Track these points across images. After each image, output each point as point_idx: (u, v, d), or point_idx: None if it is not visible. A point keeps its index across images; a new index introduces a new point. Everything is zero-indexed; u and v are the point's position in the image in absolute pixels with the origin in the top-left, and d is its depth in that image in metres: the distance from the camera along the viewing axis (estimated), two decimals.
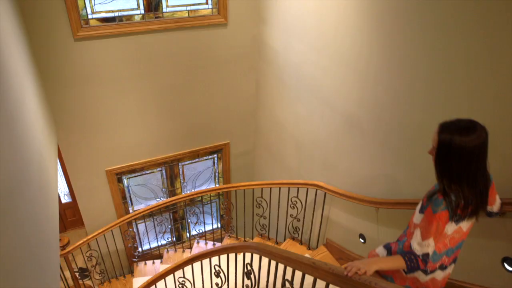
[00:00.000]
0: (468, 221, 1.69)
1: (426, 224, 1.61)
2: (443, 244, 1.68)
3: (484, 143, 1.53)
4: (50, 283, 2.16)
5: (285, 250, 2.13)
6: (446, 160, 1.59)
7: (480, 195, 1.62)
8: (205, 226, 5.76)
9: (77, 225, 7.42)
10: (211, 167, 5.80)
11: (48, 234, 2.34)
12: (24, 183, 1.79)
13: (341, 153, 3.67)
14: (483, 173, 1.61)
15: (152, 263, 5.43)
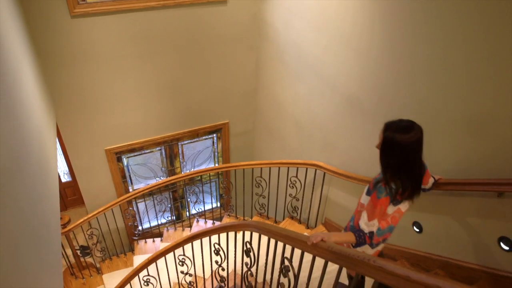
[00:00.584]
0: (405, 204, 2.01)
1: (372, 208, 1.93)
2: (386, 222, 1.98)
3: (419, 140, 1.85)
4: (52, 260, 2.19)
5: (284, 229, 2.15)
6: (388, 154, 1.92)
7: (415, 182, 1.94)
8: (205, 205, 5.80)
9: (78, 204, 7.47)
10: (210, 146, 5.79)
11: (49, 212, 2.36)
12: (24, 162, 1.79)
13: (341, 133, 3.66)
14: (419, 164, 1.94)
15: (152, 241, 5.50)
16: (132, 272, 3.67)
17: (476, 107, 2.32)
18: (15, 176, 1.52)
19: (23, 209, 1.58)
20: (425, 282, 1.12)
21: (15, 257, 1.33)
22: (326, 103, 3.75)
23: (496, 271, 2.48)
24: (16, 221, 1.42)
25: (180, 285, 4.03)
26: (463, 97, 2.37)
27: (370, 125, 3.24)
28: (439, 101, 2.54)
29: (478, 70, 2.23)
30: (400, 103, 2.86)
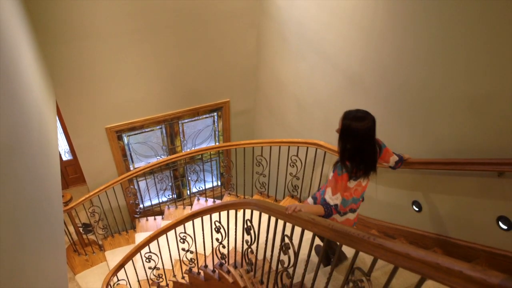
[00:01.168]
0: (364, 179, 2.32)
1: (334, 183, 2.22)
2: (349, 193, 2.30)
3: (371, 128, 2.15)
4: (55, 236, 2.21)
5: (285, 207, 2.16)
6: (345, 139, 2.19)
7: (369, 162, 2.24)
8: (205, 183, 5.83)
9: (79, 182, 7.51)
10: (211, 125, 5.78)
11: (51, 190, 2.37)
12: (24, 139, 1.78)
13: (342, 111, 3.62)
14: (372, 148, 2.24)
15: (154, 219, 5.56)
16: (134, 249, 3.72)
17: (477, 87, 2.30)
18: (15, 154, 1.51)
19: (25, 186, 1.59)
20: (425, 259, 1.13)
21: (18, 233, 1.34)
22: (327, 81, 3.72)
23: (493, 250, 2.51)
24: (17, 198, 1.43)
25: (181, 262, 4.09)
26: (465, 77, 2.35)
27: (371, 103, 3.22)
28: (441, 80, 2.51)
29: (480, 51, 2.20)
30: (402, 82, 2.84)
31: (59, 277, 2.11)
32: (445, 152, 2.66)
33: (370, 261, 1.49)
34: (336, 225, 1.58)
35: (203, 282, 3.80)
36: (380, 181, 3.39)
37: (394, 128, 3.05)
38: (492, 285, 0.96)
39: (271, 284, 2.82)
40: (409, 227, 3.18)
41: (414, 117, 2.82)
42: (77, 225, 5.06)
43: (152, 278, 4.14)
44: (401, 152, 2.78)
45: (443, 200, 2.81)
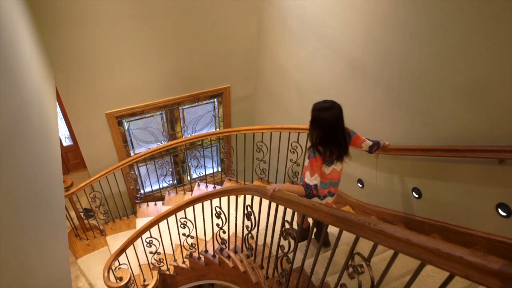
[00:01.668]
0: (337, 164, 2.52)
1: (310, 166, 2.41)
2: (326, 178, 2.53)
3: (338, 117, 2.36)
4: (57, 221, 2.22)
5: (286, 193, 2.17)
6: (316, 127, 2.40)
7: (340, 148, 2.43)
8: (206, 169, 5.84)
9: (80, 167, 7.53)
10: (211, 111, 5.76)
11: (52, 175, 2.37)
12: (25, 124, 1.78)
13: (343, 98, 3.61)
14: (342, 134, 2.43)
15: (154, 205, 5.58)
16: (135, 234, 3.75)
17: (479, 75, 2.29)
18: (16, 138, 1.51)
19: (26, 170, 1.59)
20: (425, 245, 1.14)
21: (20, 217, 1.35)
22: (329, 68, 3.69)
23: (492, 236, 2.53)
24: (19, 182, 1.43)
25: (182, 246, 4.13)
26: (467, 64, 2.34)
27: (372, 90, 3.20)
28: (443, 67, 2.49)
29: (482, 38, 2.19)
30: (403, 68, 2.81)
31: (62, 260, 2.13)
32: (445, 139, 2.66)
33: (368, 247, 1.50)
34: (336, 210, 1.59)
35: (204, 267, 3.84)
36: (380, 168, 3.39)
37: (395, 115, 3.04)
38: (492, 270, 0.96)
39: (271, 269, 2.85)
40: (409, 213, 3.20)
41: (415, 104, 2.81)
42: (78, 210, 5.08)
43: (153, 262, 4.18)
44: (405, 138, 2.78)
45: (443, 187, 2.81)
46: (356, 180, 3.78)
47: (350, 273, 1.63)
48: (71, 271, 4.70)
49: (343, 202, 4.05)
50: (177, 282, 4.34)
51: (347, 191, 4.01)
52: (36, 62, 2.89)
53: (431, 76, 2.61)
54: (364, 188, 3.71)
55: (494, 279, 0.97)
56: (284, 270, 2.52)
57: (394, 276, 2.56)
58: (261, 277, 2.86)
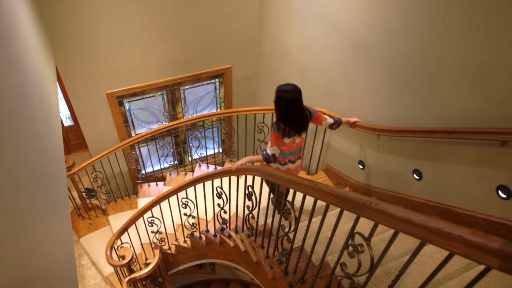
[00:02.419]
0: (297, 137, 2.93)
1: (271, 139, 2.85)
2: (286, 148, 2.94)
3: (297, 97, 2.74)
4: (60, 200, 2.24)
5: (287, 173, 2.17)
6: (278, 107, 2.78)
7: (299, 124, 2.84)
8: (207, 150, 5.85)
9: (81, 148, 7.55)
10: (212, 91, 5.73)
11: (54, 154, 2.38)
12: (25, 103, 1.77)
13: (345, 79, 3.60)
14: (300, 113, 2.83)
15: (156, 185, 5.62)
16: (137, 213, 3.78)
17: (483, 57, 2.26)
18: (17, 117, 1.50)
19: (28, 149, 1.59)
20: (426, 224, 1.14)
21: (24, 195, 1.36)
22: (331, 48, 3.65)
23: (491, 218, 2.55)
24: (21, 161, 1.43)
25: (183, 226, 4.17)
26: (471, 46, 2.31)
27: (374, 71, 3.18)
28: (447, 48, 2.46)
29: (488, 20, 2.15)
30: (407, 49, 2.78)
31: (65, 238, 2.15)
32: (448, 121, 2.65)
33: (368, 228, 1.51)
34: (338, 190, 1.59)
35: (205, 246, 3.89)
36: (381, 150, 3.39)
37: (397, 96, 3.02)
38: (492, 249, 0.97)
39: (272, 249, 2.89)
40: (409, 195, 3.21)
41: (418, 86, 2.79)
42: (80, 190, 5.12)
43: (154, 241, 4.23)
44: (407, 120, 2.76)
45: (444, 168, 2.82)
46: (357, 161, 3.79)
47: (350, 252, 1.64)
48: (74, 250, 4.77)
49: (343, 183, 4.07)
50: (179, 261, 4.41)
51: (347, 172, 4.03)
52: (35, 40, 2.86)
53: (434, 57, 2.58)
54: (365, 169, 3.72)
55: (493, 258, 0.98)
56: (284, 250, 2.56)
57: (393, 256, 2.60)
58: (262, 256, 2.90)
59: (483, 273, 1.11)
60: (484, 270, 1.10)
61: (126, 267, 3.64)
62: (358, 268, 1.66)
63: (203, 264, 8.11)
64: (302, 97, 2.81)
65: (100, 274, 4.69)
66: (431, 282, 1.55)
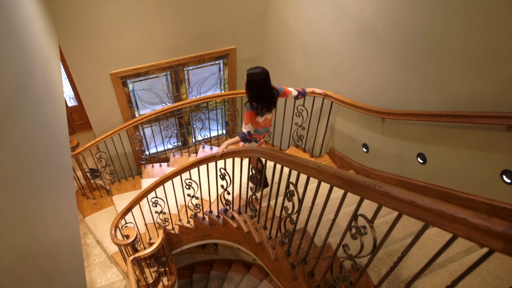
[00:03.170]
0: (269, 114, 3.26)
1: (246, 118, 3.15)
2: (260, 126, 3.26)
3: (266, 78, 3.02)
4: (65, 179, 2.25)
5: (291, 155, 2.17)
6: (249, 87, 3.06)
7: (269, 102, 3.16)
8: (210, 132, 5.85)
9: (85, 128, 7.57)
10: (216, 73, 5.69)
11: (58, 133, 2.38)
12: (29, 82, 1.76)
13: (351, 61, 3.55)
14: (269, 92, 3.12)
15: (159, 166, 5.64)
16: (141, 194, 3.81)
17: (491, 40, 2.22)
18: (21, 95, 1.50)
19: (32, 128, 1.59)
20: (430, 206, 1.14)
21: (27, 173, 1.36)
22: (338, 29, 3.60)
23: (495, 203, 2.54)
24: (25, 139, 1.43)
25: (186, 207, 4.20)
26: (479, 30, 2.27)
27: (381, 54, 3.13)
28: (456, 32, 2.42)
29: (496, 3, 2.10)
30: (414, 32, 2.73)
31: (70, 217, 2.17)
32: (454, 105, 2.62)
33: (370, 210, 1.51)
34: (342, 172, 1.59)
35: (208, 227, 3.93)
36: (386, 133, 3.38)
37: (403, 79, 2.99)
38: (496, 232, 0.97)
39: (274, 230, 2.91)
40: (412, 178, 3.21)
41: (425, 69, 2.75)
42: (85, 170, 5.15)
43: (158, 222, 4.28)
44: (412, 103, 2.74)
45: (448, 153, 2.81)
46: (361, 144, 3.78)
47: (353, 234, 1.65)
48: (80, 229, 4.83)
49: (347, 166, 4.07)
50: (182, 241, 4.46)
51: (351, 155, 4.02)
52: (38, 17, 2.83)
53: (442, 41, 2.54)
54: (369, 152, 3.71)
55: (497, 240, 0.99)
56: (287, 231, 2.58)
57: (395, 238, 2.61)
58: (264, 237, 2.93)
59: (486, 256, 1.12)
60: (487, 253, 1.11)
61: (130, 246, 3.69)
62: (361, 250, 1.67)
63: (206, 245, 8.22)
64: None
65: (105, 252, 4.76)
66: (432, 265, 1.57)
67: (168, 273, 4.34)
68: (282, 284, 2.92)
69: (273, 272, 3.08)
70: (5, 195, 1.03)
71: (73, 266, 1.96)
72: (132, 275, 3.44)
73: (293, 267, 2.52)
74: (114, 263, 4.64)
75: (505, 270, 2.07)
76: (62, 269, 1.67)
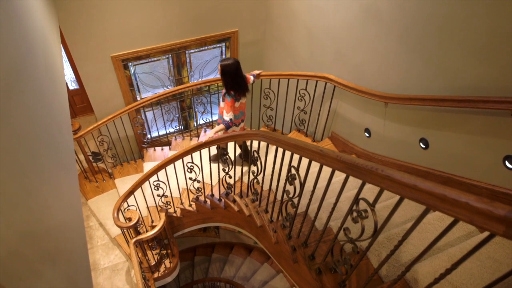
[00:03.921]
0: (243, 98, 3.68)
1: (227, 106, 3.52)
2: (237, 110, 3.67)
3: (237, 67, 3.46)
4: (67, 162, 2.26)
5: (293, 138, 2.17)
6: (224, 77, 3.48)
7: (244, 88, 3.60)
8: (212, 115, 5.84)
9: (87, 111, 7.56)
10: (218, 56, 5.64)
11: (60, 117, 2.38)
12: (30, 63, 1.75)
13: (354, 44, 3.51)
14: (241, 79, 3.54)
15: (161, 150, 5.65)
16: (143, 177, 3.82)
17: (498, 24, 2.18)
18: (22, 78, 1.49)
19: (34, 109, 1.58)
20: (432, 190, 1.14)
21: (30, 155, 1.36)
22: (342, 12, 3.54)
23: (496, 188, 2.54)
24: (27, 121, 1.43)
25: (188, 190, 4.22)
26: (486, 13, 2.22)
27: (386, 36, 3.09)
28: (462, 15, 2.38)
29: None
30: (419, 14, 2.69)
31: (73, 199, 2.19)
32: (458, 90, 2.60)
33: (371, 195, 1.52)
34: (344, 156, 1.59)
35: (210, 210, 3.96)
36: (388, 118, 3.36)
37: (408, 62, 2.95)
38: (498, 216, 0.97)
39: (276, 213, 2.93)
40: (414, 163, 3.21)
41: (430, 52, 2.72)
42: (87, 153, 5.17)
43: (160, 205, 4.31)
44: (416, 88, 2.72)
45: (451, 138, 2.80)
46: (363, 129, 3.77)
47: (354, 217, 1.66)
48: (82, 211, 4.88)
49: (348, 151, 4.07)
50: (184, 224, 4.50)
51: (353, 140, 4.01)
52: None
53: (446, 23, 2.50)
54: (371, 137, 3.70)
55: (499, 224, 0.99)
56: (288, 214, 2.59)
57: (396, 223, 2.63)
58: (266, 220, 2.95)
59: (486, 240, 1.12)
60: (488, 237, 1.11)
61: (132, 229, 3.73)
62: (362, 233, 1.68)
63: (208, 228, 8.31)
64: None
65: (108, 235, 4.81)
66: (432, 249, 1.58)
67: (170, 255, 4.39)
68: (283, 266, 2.95)
69: (274, 255, 3.12)
70: (7, 176, 1.03)
71: (76, 248, 1.98)
72: (134, 257, 3.48)
73: (294, 250, 2.55)
74: (116, 245, 4.70)
75: (504, 254, 2.08)
76: (65, 250, 1.68)
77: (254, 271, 7.42)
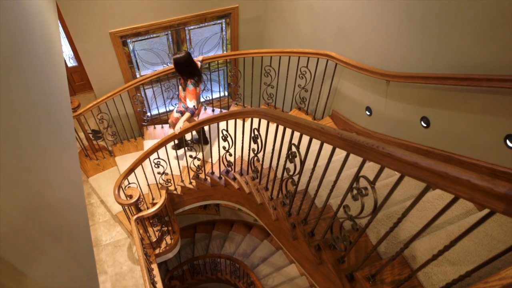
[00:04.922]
0: (200, 85, 4.07)
1: (191, 94, 3.89)
2: (197, 96, 4.01)
3: (188, 58, 3.83)
4: (67, 139, 2.25)
5: (293, 116, 2.15)
6: (178, 68, 3.87)
7: (199, 75, 4.00)
8: (212, 93, 5.80)
9: (86, 89, 7.51)
10: (218, 33, 5.55)
11: (59, 94, 2.36)
12: (27, 39, 1.72)
13: (357, 21, 3.45)
14: (196, 68, 3.93)
15: (161, 127, 5.64)
16: (144, 155, 3.83)
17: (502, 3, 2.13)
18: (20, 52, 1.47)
19: (33, 86, 1.57)
20: (433, 168, 1.14)
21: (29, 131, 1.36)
22: None
23: (496, 167, 2.55)
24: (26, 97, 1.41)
25: (189, 168, 4.24)
26: None
27: (388, 15, 3.04)
28: None
29: None
30: None
31: (74, 176, 2.19)
32: (461, 68, 2.57)
33: (371, 173, 1.52)
34: (345, 133, 1.58)
35: (210, 188, 3.98)
36: (390, 96, 3.34)
37: (411, 39, 2.91)
38: (498, 194, 0.97)
39: (276, 191, 2.95)
40: (415, 142, 3.20)
41: (433, 29, 2.67)
42: (87, 131, 5.16)
43: (161, 182, 4.33)
44: (419, 65, 2.68)
45: (452, 117, 2.78)
46: (364, 107, 3.75)
47: (354, 195, 1.67)
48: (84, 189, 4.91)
49: (349, 129, 4.06)
50: (185, 201, 4.54)
51: (354, 118, 4.00)
52: None
53: (451, 0, 2.45)
54: (372, 116, 3.68)
55: (499, 202, 0.99)
56: (288, 192, 2.60)
57: (395, 201, 2.65)
58: (266, 198, 2.97)
59: (485, 218, 1.13)
60: (487, 215, 1.12)
61: (133, 206, 3.76)
62: (361, 211, 1.69)
63: (208, 205, 8.38)
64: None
65: (109, 212, 4.86)
66: (431, 226, 1.59)
67: (171, 232, 4.44)
68: (283, 243, 2.99)
69: (273, 232, 3.15)
70: (6, 151, 1.03)
71: (78, 224, 2.00)
72: (136, 233, 3.52)
73: (293, 227, 2.57)
74: (118, 222, 4.75)
75: (502, 232, 2.10)
76: (67, 226, 1.70)
77: (254, 247, 7.54)
